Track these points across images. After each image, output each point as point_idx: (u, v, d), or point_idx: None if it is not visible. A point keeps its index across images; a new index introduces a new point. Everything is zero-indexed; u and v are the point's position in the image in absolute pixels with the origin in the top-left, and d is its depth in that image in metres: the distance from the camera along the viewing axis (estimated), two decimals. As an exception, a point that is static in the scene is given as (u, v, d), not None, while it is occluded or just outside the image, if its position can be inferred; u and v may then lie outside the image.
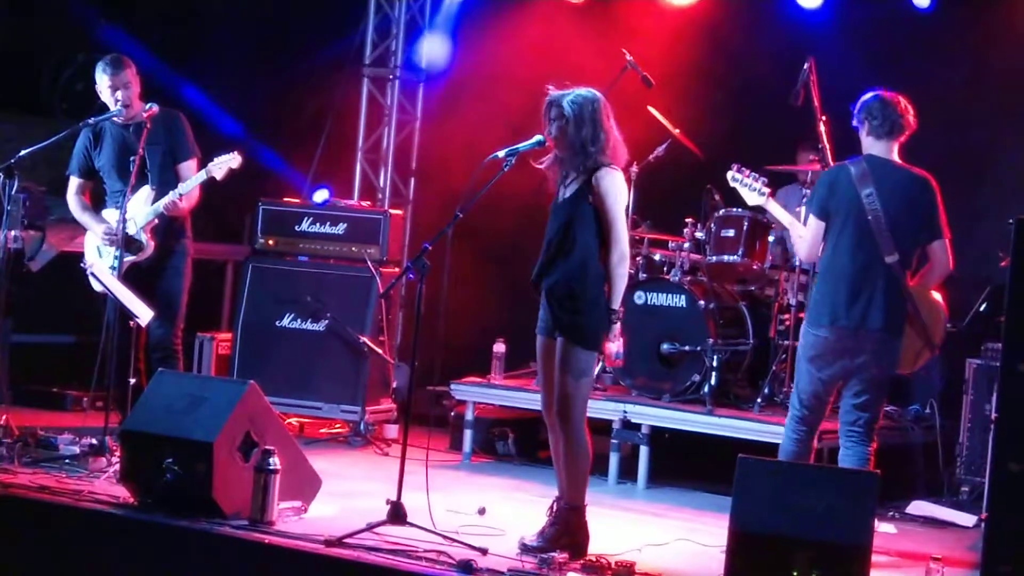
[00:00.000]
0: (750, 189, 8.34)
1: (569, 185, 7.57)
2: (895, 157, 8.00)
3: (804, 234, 8.10)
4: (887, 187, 7.86)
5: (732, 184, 8.46)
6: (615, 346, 7.49)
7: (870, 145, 8.01)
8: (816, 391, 7.98)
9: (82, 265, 9.27)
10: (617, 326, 7.48)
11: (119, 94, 9.18)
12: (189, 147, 9.38)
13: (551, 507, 7.63)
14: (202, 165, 9.27)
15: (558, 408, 7.53)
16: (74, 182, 9.47)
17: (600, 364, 10.01)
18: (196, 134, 9.49)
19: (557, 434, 7.63)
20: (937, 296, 8.07)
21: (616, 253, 7.43)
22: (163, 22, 12.18)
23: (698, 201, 10.57)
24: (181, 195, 9.14)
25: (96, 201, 9.51)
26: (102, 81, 9.23)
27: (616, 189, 7.47)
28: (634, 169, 10.20)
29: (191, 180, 9.20)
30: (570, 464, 7.58)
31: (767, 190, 8.33)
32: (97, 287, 9.14)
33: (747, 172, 8.37)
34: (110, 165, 9.32)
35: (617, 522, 8.53)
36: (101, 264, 9.16)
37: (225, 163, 9.18)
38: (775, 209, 8.39)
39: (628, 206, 10.26)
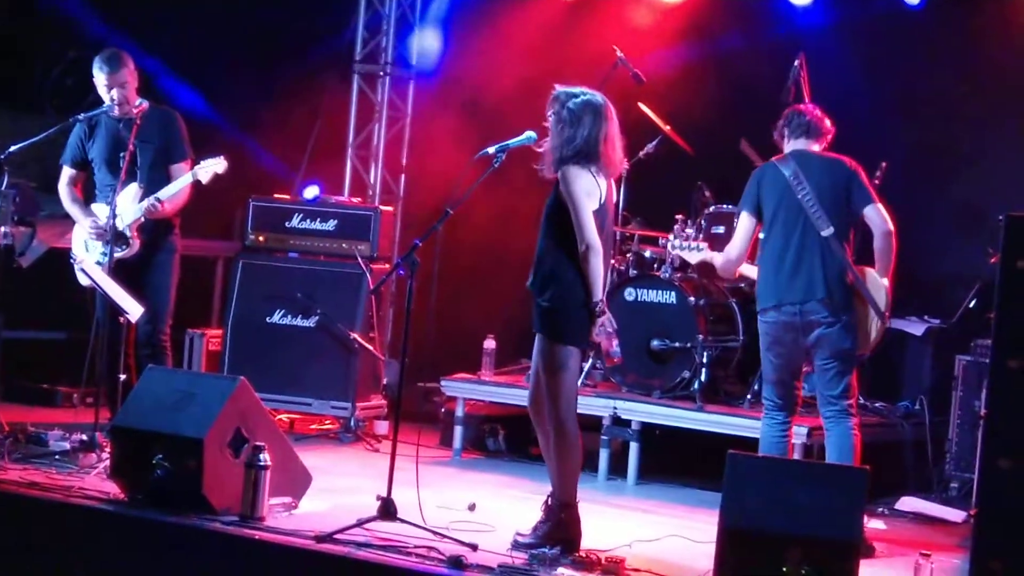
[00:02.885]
0: (689, 250, 8.86)
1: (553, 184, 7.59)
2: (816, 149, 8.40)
3: (732, 241, 8.51)
4: (813, 170, 8.25)
5: (672, 251, 9.07)
6: (611, 345, 7.48)
7: (791, 145, 8.42)
8: (781, 377, 8.28)
9: (71, 259, 9.27)
10: (604, 320, 7.44)
11: (114, 92, 9.17)
12: (183, 148, 9.37)
13: (545, 503, 7.63)
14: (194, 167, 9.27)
15: (545, 405, 7.55)
16: (66, 172, 9.46)
17: (591, 361, 10.06)
18: (187, 130, 9.47)
19: (543, 430, 7.64)
20: (873, 271, 8.31)
21: (581, 247, 7.39)
22: (152, 17, 12.14)
23: (688, 197, 10.59)
24: (160, 200, 9.10)
25: (87, 195, 9.50)
26: (99, 78, 9.22)
27: (577, 184, 7.41)
28: (624, 166, 10.18)
29: (175, 183, 9.19)
30: (559, 460, 7.58)
31: (704, 245, 8.83)
32: (84, 281, 9.15)
33: (684, 235, 9.03)
34: (101, 158, 9.31)
35: (607, 518, 8.53)
36: (90, 259, 9.16)
37: (211, 167, 9.19)
38: (714, 257, 8.81)
39: (618, 203, 10.33)
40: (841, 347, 8.16)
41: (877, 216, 8.23)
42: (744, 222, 8.39)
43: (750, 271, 8.58)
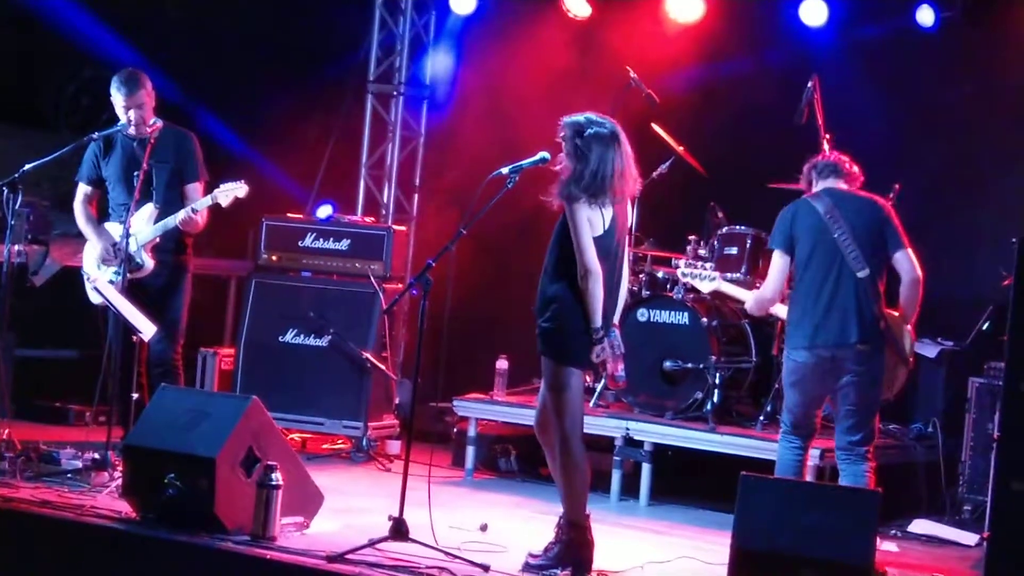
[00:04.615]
0: (701, 279, 8.93)
1: None
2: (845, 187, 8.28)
3: (766, 280, 8.36)
4: (847, 209, 8.11)
5: (683, 280, 9.15)
6: (617, 368, 7.50)
7: (821, 185, 8.29)
8: (804, 411, 8.17)
9: (84, 277, 9.28)
10: (606, 346, 7.44)
11: (131, 113, 9.17)
12: (197, 169, 9.37)
13: (557, 524, 7.62)
14: (209, 189, 9.28)
15: (551, 424, 7.55)
16: (82, 189, 9.46)
17: (603, 382, 10.05)
18: (201, 150, 9.49)
19: (550, 450, 7.64)
20: (898, 316, 8.20)
21: (579, 272, 7.39)
22: (169, 38, 12.19)
23: (701, 218, 10.59)
24: (196, 210, 9.14)
25: (101, 214, 9.51)
26: (116, 99, 9.23)
27: (580, 212, 7.40)
28: (639, 186, 10.17)
29: (201, 201, 9.20)
30: (564, 480, 7.58)
31: (716, 274, 8.93)
32: (96, 299, 9.15)
33: (695, 264, 9.00)
34: (116, 177, 9.32)
35: (619, 539, 8.52)
36: (103, 278, 9.17)
37: (232, 191, 9.18)
38: (728, 288, 8.97)
39: (632, 224, 10.32)
40: (868, 395, 8.03)
41: (907, 262, 8.09)
42: (777, 261, 8.22)
43: (780, 311, 8.47)
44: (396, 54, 12.74)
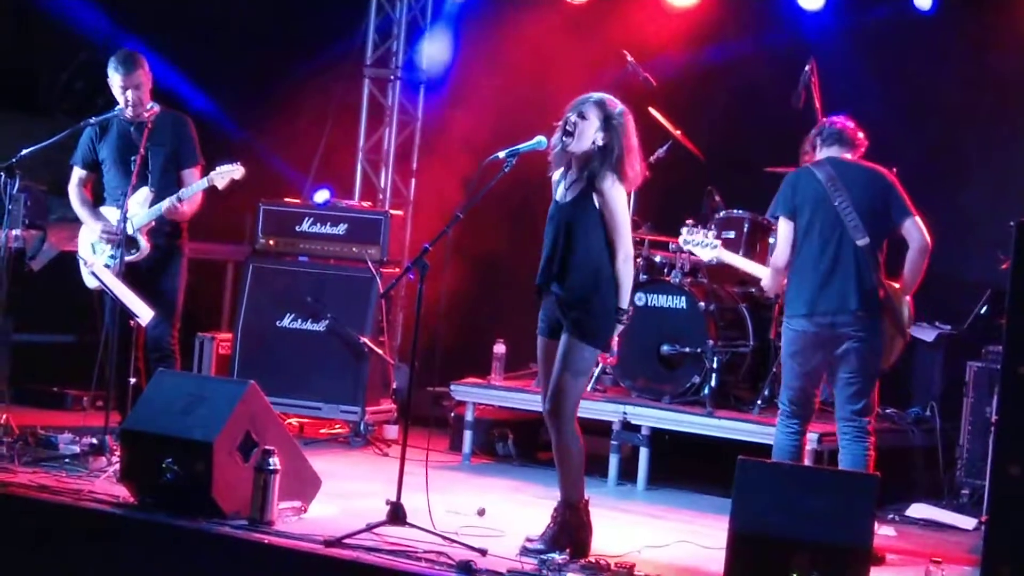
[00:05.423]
0: (702, 246, 8.85)
1: (571, 187, 7.58)
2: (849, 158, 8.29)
3: (776, 250, 8.33)
4: (849, 178, 8.14)
5: (685, 247, 9.02)
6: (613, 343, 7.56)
7: (823, 153, 8.32)
8: (802, 385, 8.18)
9: (79, 259, 9.26)
10: (620, 326, 7.54)
11: (129, 94, 9.17)
12: (194, 154, 9.36)
13: (554, 508, 7.63)
14: (205, 173, 9.26)
15: (551, 404, 7.55)
16: (76, 173, 9.44)
17: (600, 365, 10.04)
18: (197, 134, 9.47)
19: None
20: (897, 286, 8.23)
21: (620, 255, 7.49)
22: (161, 21, 12.15)
23: (699, 202, 10.58)
24: (181, 199, 9.12)
25: (96, 198, 9.49)
26: (114, 79, 9.21)
27: (622, 196, 7.54)
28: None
29: (193, 186, 9.19)
30: (562, 461, 7.59)
31: (718, 242, 8.84)
32: (92, 283, 9.14)
33: (697, 230, 8.90)
34: (111, 160, 9.30)
35: (617, 523, 8.53)
36: (99, 262, 9.16)
37: (228, 173, 9.16)
38: (729, 258, 8.89)
39: (629, 208, 10.32)
40: (868, 362, 8.06)
41: (916, 230, 8.11)
42: (783, 228, 8.23)
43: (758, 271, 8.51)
44: (393, 38, 12.72)
